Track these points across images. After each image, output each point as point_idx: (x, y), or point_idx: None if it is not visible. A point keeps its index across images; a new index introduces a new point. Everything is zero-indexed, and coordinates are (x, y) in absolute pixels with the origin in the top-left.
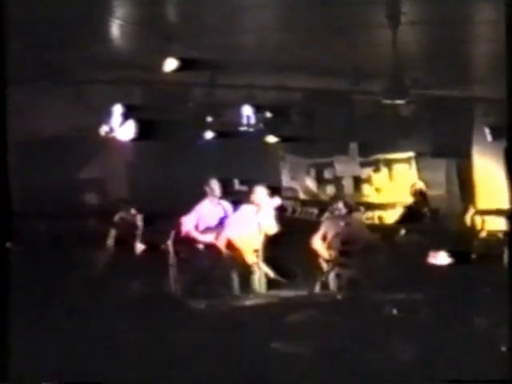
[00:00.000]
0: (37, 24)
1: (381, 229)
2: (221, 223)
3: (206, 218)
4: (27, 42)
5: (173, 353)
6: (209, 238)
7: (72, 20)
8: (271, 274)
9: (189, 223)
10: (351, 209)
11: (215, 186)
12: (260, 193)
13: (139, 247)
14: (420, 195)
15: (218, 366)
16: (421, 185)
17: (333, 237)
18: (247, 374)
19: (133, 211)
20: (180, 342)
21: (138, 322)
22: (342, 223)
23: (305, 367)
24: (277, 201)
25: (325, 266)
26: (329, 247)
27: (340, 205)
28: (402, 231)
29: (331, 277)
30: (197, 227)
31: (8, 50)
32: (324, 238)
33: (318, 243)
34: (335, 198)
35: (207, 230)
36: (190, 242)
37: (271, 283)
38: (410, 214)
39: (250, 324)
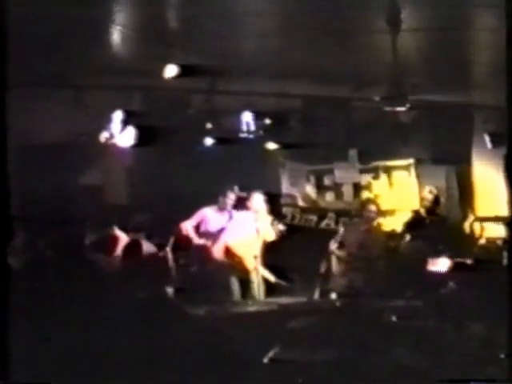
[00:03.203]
0: (37, 29)
1: (389, 235)
2: (221, 231)
3: (207, 223)
4: (27, 48)
5: (171, 357)
6: (204, 242)
7: (72, 26)
8: (272, 278)
9: (189, 223)
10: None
11: (230, 199)
12: (257, 199)
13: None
14: (435, 201)
15: (215, 371)
16: (436, 191)
17: (351, 241)
18: (245, 380)
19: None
20: (178, 346)
21: (137, 325)
22: (362, 228)
23: (304, 373)
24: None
25: (338, 270)
26: (346, 251)
27: (373, 207)
28: (407, 237)
29: (337, 283)
30: (197, 229)
31: (8, 55)
32: (341, 243)
33: (334, 246)
34: (367, 201)
35: (206, 234)
36: (188, 248)
37: (270, 290)
38: (418, 220)
39: (248, 330)
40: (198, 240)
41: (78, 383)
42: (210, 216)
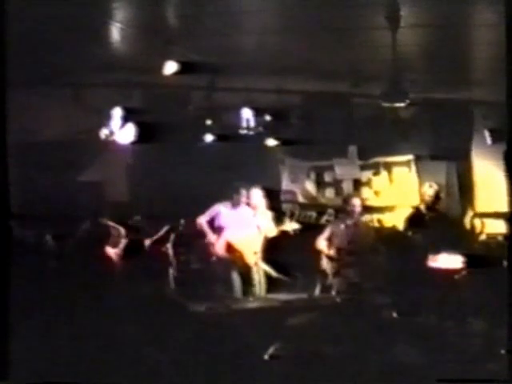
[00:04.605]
0: (37, 27)
1: (386, 231)
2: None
3: (220, 219)
4: (27, 45)
5: (172, 354)
6: (216, 238)
7: (72, 23)
8: (273, 273)
9: (203, 218)
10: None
11: (242, 196)
12: (256, 195)
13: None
14: (436, 197)
15: (216, 367)
16: (437, 187)
17: (339, 237)
18: (246, 376)
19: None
20: (179, 343)
21: (138, 323)
22: (349, 223)
23: (305, 369)
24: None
25: (329, 267)
26: (334, 248)
27: (357, 201)
28: (409, 233)
29: (335, 279)
30: (211, 224)
31: (8, 52)
32: (329, 239)
33: (322, 243)
34: (350, 196)
35: (219, 230)
36: (189, 244)
37: (271, 286)
38: (419, 216)
39: (249, 327)
40: (211, 235)
41: (78, 383)
42: (223, 212)
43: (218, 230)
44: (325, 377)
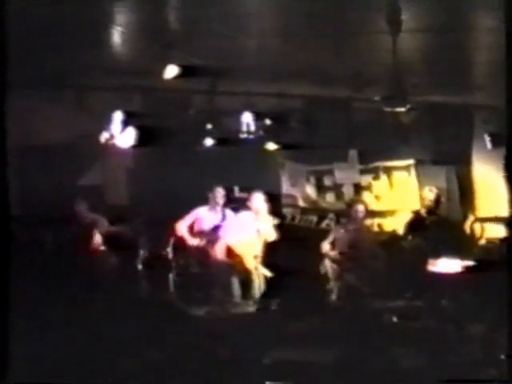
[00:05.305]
0: (38, 29)
1: (386, 235)
2: (215, 230)
3: (201, 223)
4: (28, 48)
5: (172, 359)
6: (198, 242)
7: (73, 26)
8: (269, 274)
9: (183, 224)
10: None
11: (218, 193)
12: (258, 199)
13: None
14: (436, 202)
15: (215, 371)
16: (437, 191)
17: (340, 242)
18: (245, 381)
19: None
20: (178, 347)
21: (137, 326)
22: (350, 228)
23: (304, 373)
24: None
25: (330, 271)
26: (338, 252)
27: (361, 207)
28: (408, 237)
29: (336, 283)
30: (191, 229)
31: (8, 55)
32: (333, 243)
33: (326, 247)
34: (354, 201)
35: (199, 233)
36: (188, 248)
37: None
38: (419, 221)
39: (248, 331)
40: (191, 240)
41: (78, 383)
42: (203, 215)
43: (198, 234)
44: (325, 381)
